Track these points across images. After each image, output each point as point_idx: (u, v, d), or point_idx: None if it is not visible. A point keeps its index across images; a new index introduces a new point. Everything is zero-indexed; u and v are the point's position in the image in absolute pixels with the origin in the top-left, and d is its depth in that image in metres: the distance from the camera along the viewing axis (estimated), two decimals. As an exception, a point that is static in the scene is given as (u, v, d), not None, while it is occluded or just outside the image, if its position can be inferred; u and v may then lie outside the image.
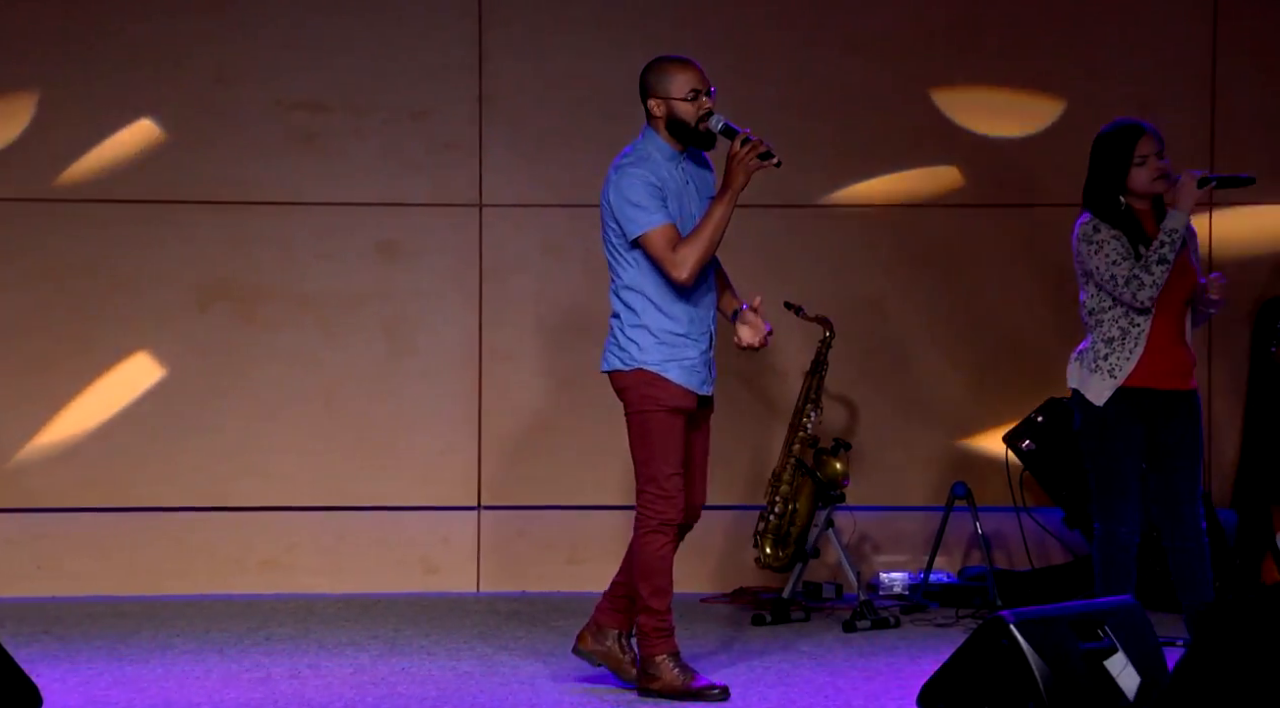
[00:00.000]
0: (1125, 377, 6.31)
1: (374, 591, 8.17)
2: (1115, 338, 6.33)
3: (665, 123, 6.08)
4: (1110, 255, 6.27)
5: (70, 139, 8.15)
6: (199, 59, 8.19)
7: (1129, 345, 6.31)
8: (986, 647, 5.35)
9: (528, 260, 8.31)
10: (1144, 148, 6.32)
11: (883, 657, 6.86)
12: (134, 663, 6.73)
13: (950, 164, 8.35)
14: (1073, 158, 6.85)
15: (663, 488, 6.09)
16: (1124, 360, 6.31)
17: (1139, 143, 6.33)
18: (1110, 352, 6.33)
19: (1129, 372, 6.31)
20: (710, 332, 6.17)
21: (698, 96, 6.04)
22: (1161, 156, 6.34)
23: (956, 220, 8.34)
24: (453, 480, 8.29)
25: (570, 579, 8.25)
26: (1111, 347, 6.33)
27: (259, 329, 8.23)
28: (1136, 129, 6.36)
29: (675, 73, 6.06)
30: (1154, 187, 6.33)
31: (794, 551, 7.61)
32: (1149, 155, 6.32)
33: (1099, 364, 6.34)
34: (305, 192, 8.24)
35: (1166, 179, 6.34)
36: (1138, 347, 6.30)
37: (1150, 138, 6.35)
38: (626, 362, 6.12)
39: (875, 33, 8.30)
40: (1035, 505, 8.11)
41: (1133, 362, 6.31)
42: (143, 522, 8.18)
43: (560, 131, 8.29)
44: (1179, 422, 6.38)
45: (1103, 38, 8.35)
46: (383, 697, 6.18)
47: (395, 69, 8.25)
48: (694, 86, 6.04)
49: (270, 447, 8.22)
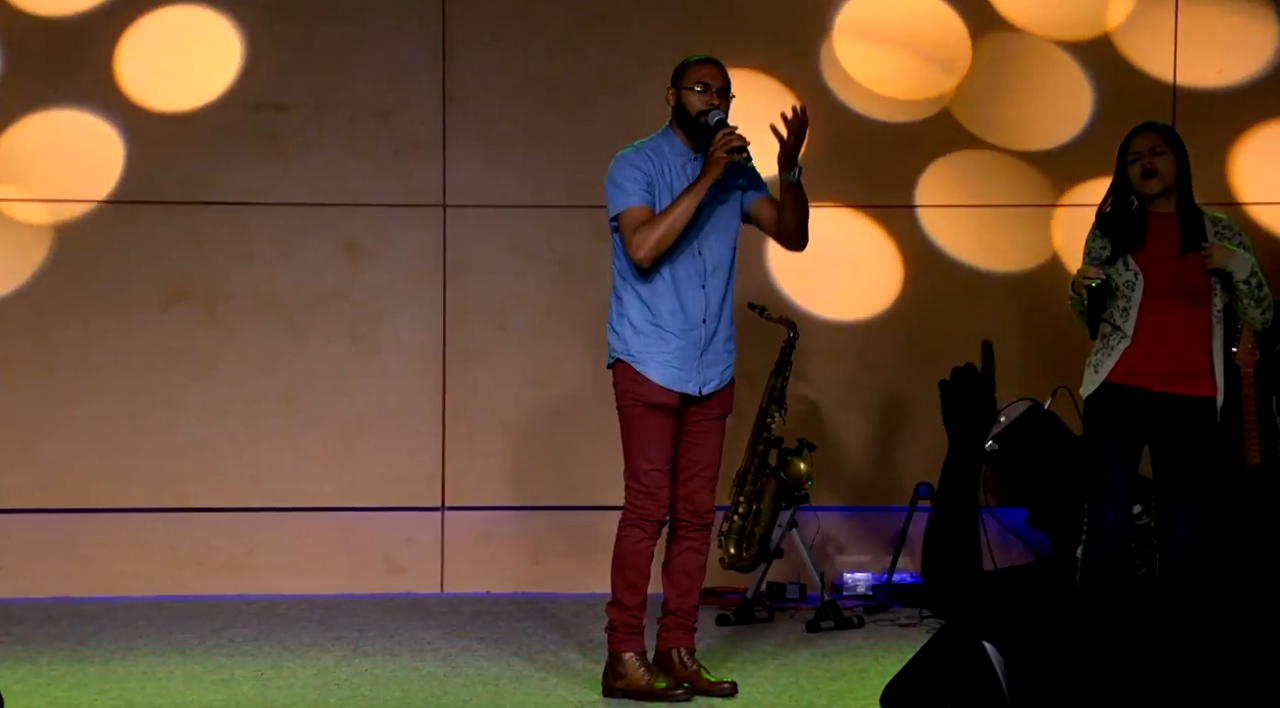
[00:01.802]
0: (1107, 373, 6.32)
1: (337, 592, 8.16)
2: (1106, 334, 6.35)
3: (675, 113, 6.13)
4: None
5: (29, 139, 8.12)
6: (161, 56, 8.16)
7: (1113, 342, 6.32)
8: (949, 647, 5.36)
9: (492, 260, 8.30)
10: (1137, 145, 6.33)
11: (846, 657, 6.87)
12: (96, 665, 6.70)
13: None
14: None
15: (642, 483, 6.10)
16: (1106, 357, 6.33)
17: (1134, 139, 6.34)
18: (1100, 347, 6.36)
19: (1110, 368, 6.31)
20: (705, 328, 6.13)
21: (706, 89, 6.07)
22: (1157, 152, 6.31)
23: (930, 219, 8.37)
24: (416, 481, 8.28)
25: (534, 580, 8.25)
26: (1103, 343, 6.35)
27: (221, 329, 8.21)
28: (1142, 125, 6.37)
29: (692, 66, 6.14)
30: (1143, 185, 6.31)
31: (758, 551, 7.61)
32: (1142, 152, 6.31)
33: (1090, 360, 6.37)
34: (268, 191, 8.22)
35: (1156, 177, 6.30)
36: (1120, 344, 6.30)
37: (1147, 135, 6.34)
38: (613, 353, 6.15)
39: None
40: (998, 506, 8.13)
41: (1114, 359, 6.31)
42: (104, 523, 8.15)
43: (524, 132, 8.29)
44: (1173, 429, 6.31)
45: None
46: (346, 698, 6.16)
47: (359, 69, 8.24)
48: (703, 80, 6.08)
49: (232, 447, 8.20)
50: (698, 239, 6.11)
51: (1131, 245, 6.28)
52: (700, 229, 6.10)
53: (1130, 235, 6.29)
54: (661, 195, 6.07)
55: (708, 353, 6.14)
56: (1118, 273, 6.28)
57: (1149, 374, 6.28)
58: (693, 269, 6.11)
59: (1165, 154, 6.28)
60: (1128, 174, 6.32)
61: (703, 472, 6.23)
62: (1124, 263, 6.27)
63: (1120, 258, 6.28)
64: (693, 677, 6.21)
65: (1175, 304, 6.25)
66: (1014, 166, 8.40)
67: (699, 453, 6.23)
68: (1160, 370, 6.27)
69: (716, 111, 6.08)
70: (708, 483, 6.25)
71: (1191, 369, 6.29)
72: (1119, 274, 6.27)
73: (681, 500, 6.23)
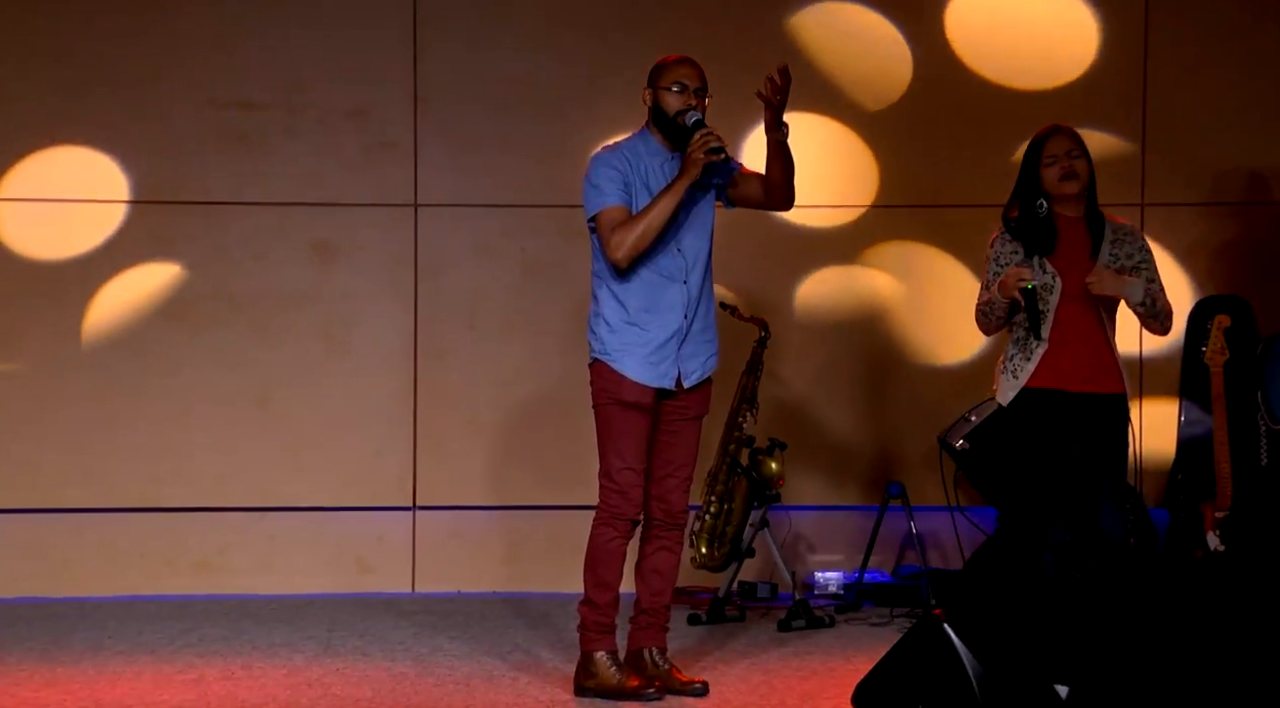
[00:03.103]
0: (1027, 378, 6.34)
1: (308, 591, 8.14)
2: (1020, 339, 6.37)
3: (652, 114, 6.13)
4: (988, 274, 6.34)
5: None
6: (131, 57, 8.15)
7: (1031, 347, 6.33)
8: (920, 646, 5.37)
9: (463, 260, 8.30)
10: (1053, 147, 6.34)
11: (817, 656, 6.87)
12: (66, 665, 6.68)
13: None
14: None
15: (615, 482, 6.10)
16: (1025, 362, 6.34)
17: (1048, 142, 6.36)
18: (1016, 352, 6.37)
19: (1030, 372, 6.33)
20: (685, 321, 6.13)
21: (684, 90, 6.07)
22: (1074, 156, 6.34)
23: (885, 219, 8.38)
24: (387, 481, 8.27)
25: (505, 580, 8.24)
26: (1017, 347, 6.37)
27: (191, 329, 8.19)
28: (1050, 130, 6.40)
29: (670, 66, 6.13)
30: (1061, 187, 6.33)
31: (729, 550, 7.61)
32: (1059, 155, 6.34)
33: (1007, 366, 6.38)
34: (238, 191, 8.20)
35: (1075, 180, 6.33)
36: (1038, 349, 6.32)
37: (1062, 137, 6.37)
38: (591, 352, 6.16)
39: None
40: (969, 505, 8.14)
41: (1033, 363, 6.33)
42: (74, 523, 8.13)
43: (496, 132, 8.28)
44: (1092, 427, 6.36)
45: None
46: (317, 698, 6.15)
47: (330, 68, 8.23)
48: (681, 80, 6.08)
49: (203, 447, 8.18)
50: (676, 236, 6.12)
51: (1044, 249, 6.31)
52: (679, 226, 6.11)
53: (1041, 239, 6.32)
54: (639, 195, 6.08)
55: (687, 344, 6.16)
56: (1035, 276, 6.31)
57: (1068, 376, 6.30)
58: (674, 266, 6.12)
59: (1081, 158, 6.33)
60: (1039, 176, 6.34)
61: (677, 472, 6.24)
62: (1040, 266, 6.30)
63: (1033, 261, 6.30)
64: (664, 676, 6.21)
65: (1088, 307, 6.30)
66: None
67: (674, 453, 6.23)
68: (1079, 372, 6.30)
69: (694, 112, 6.08)
70: (682, 483, 6.26)
71: (1104, 368, 6.34)
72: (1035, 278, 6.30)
73: (655, 500, 6.24)
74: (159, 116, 8.16)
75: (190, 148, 8.17)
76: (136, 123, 8.15)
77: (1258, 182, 8.36)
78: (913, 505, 7.81)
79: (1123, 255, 6.36)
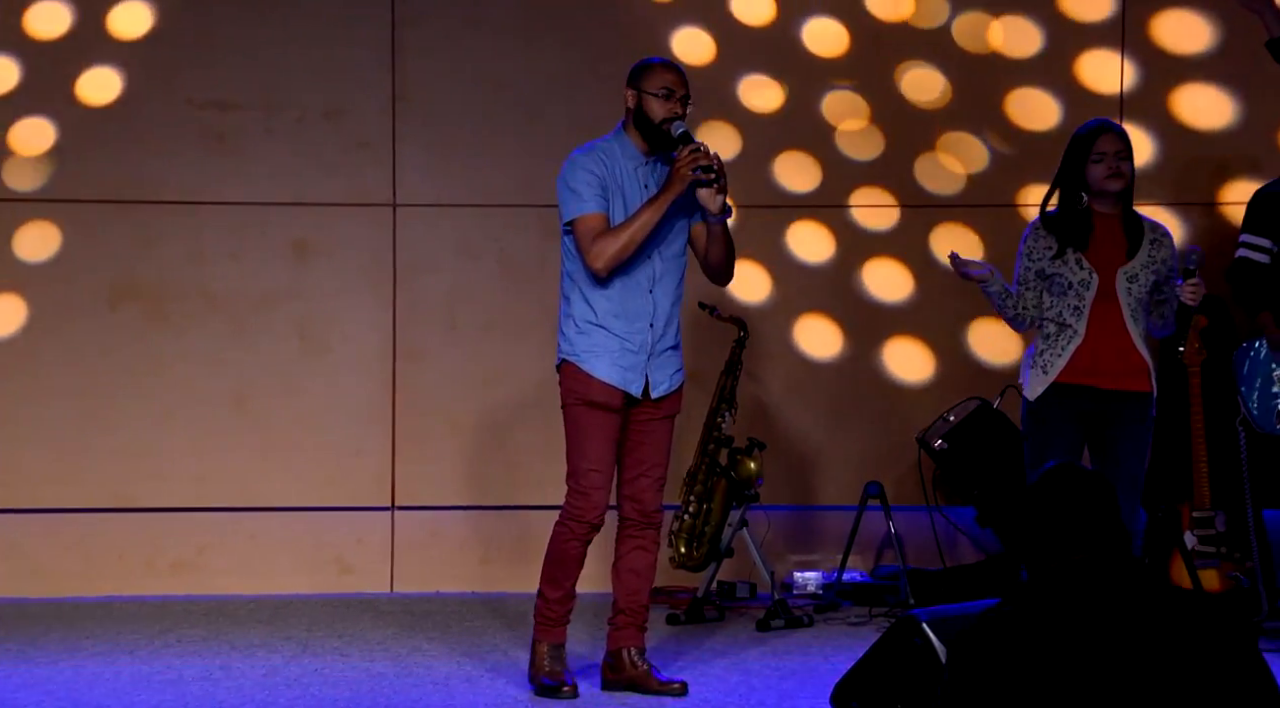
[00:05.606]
0: (1057, 373, 6.36)
1: (286, 592, 8.12)
2: (1051, 334, 6.39)
3: (634, 116, 6.09)
4: (1019, 268, 6.37)
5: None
6: (107, 56, 8.13)
7: (1062, 343, 6.36)
8: (899, 645, 5.38)
9: (441, 260, 8.29)
10: (1103, 145, 6.36)
11: (796, 656, 6.88)
12: (43, 666, 6.67)
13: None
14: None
15: (579, 483, 6.11)
16: (1056, 357, 6.37)
17: (1099, 139, 6.37)
18: (1046, 348, 6.39)
19: (1060, 368, 6.36)
20: (652, 332, 6.12)
21: (670, 96, 6.05)
22: (1122, 157, 6.36)
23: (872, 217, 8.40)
24: (366, 481, 8.26)
25: (484, 580, 8.23)
26: (1048, 343, 6.39)
27: (169, 329, 8.17)
28: (1102, 125, 6.42)
29: (656, 69, 6.11)
30: (1105, 185, 6.35)
31: (708, 550, 7.62)
32: (1108, 153, 6.35)
33: (1036, 361, 6.41)
34: (216, 191, 8.18)
35: (1120, 179, 6.36)
36: (1070, 344, 6.34)
37: (1113, 136, 6.39)
38: (559, 353, 6.16)
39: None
40: (947, 505, 8.15)
41: (1065, 358, 6.35)
42: (51, 523, 8.10)
43: (474, 131, 8.27)
44: (1119, 424, 6.39)
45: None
46: (296, 698, 6.15)
47: (307, 67, 8.21)
48: (668, 85, 6.06)
49: (181, 447, 8.16)
50: (650, 245, 6.09)
51: (1079, 244, 6.33)
52: (654, 235, 6.08)
53: (1078, 234, 6.34)
54: (614, 198, 6.06)
55: (655, 356, 6.14)
56: (1070, 271, 6.32)
57: (1100, 372, 6.33)
58: (643, 274, 6.10)
59: (1129, 159, 6.36)
60: (1085, 171, 6.36)
61: (649, 471, 6.23)
62: (1077, 262, 6.32)
63: (1069, 256, 6.32)
64: (643, 676, 6.22)
65: (1122, 305, 6.32)
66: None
67: (645, 452, 6.22)
68: (1110, 368, 6.34)
69: (680, 123, 6.05)
70: (655, 482, 6.25)
71: (1134, 366, 6.39)
72: (1071, 272, 6.32)
73: (628, 500, 6.24)
74: (138, 116, 8.14)
75: (168, 148, 8.15)
76: (113, 122, 8.12)
77: (1232, 182, 8.36)
78: (891, 505, 7.82)
79: (1159, 258, 6.41)
